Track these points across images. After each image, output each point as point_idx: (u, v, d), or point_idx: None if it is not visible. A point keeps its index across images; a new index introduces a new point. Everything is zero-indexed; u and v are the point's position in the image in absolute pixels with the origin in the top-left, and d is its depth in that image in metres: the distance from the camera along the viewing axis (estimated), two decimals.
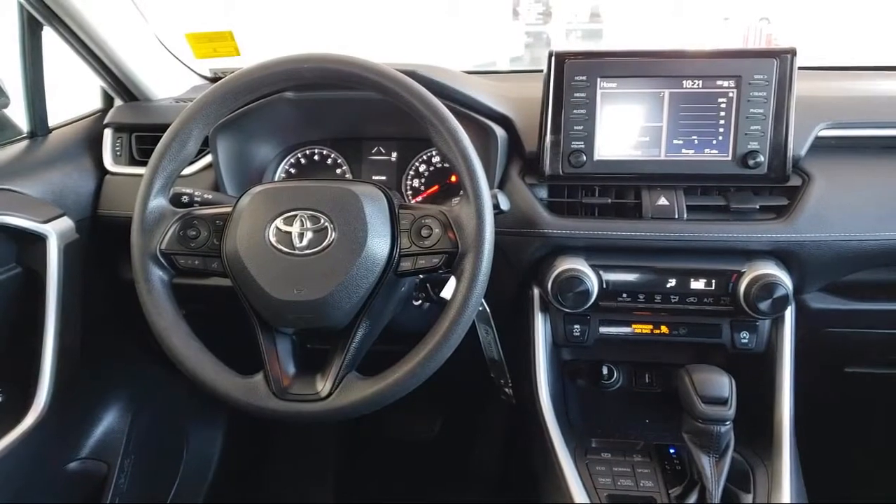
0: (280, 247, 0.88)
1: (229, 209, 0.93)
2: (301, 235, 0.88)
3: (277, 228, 0.88)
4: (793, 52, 1.03)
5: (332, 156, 1.30)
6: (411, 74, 0.92)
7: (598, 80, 1.06)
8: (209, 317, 1.20)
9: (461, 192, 0.88)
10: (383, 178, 1.28)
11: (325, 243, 0.87)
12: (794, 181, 1.08)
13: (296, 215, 0.89)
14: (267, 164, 1.29)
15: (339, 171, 1.30)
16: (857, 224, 1.05)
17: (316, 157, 1.30)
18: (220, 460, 1.75)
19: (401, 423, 1.85)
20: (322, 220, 0.88)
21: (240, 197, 0.93)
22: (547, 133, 1.08)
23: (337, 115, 1.26)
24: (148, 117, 1.33)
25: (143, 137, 1.31)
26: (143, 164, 1.02)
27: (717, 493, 0.92)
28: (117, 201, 1.28)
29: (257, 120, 1.21)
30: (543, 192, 1.12)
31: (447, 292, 0.90)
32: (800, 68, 1.04)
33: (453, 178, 1.25)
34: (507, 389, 1.31)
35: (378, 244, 0.88)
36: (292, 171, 1.31)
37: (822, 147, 1.10)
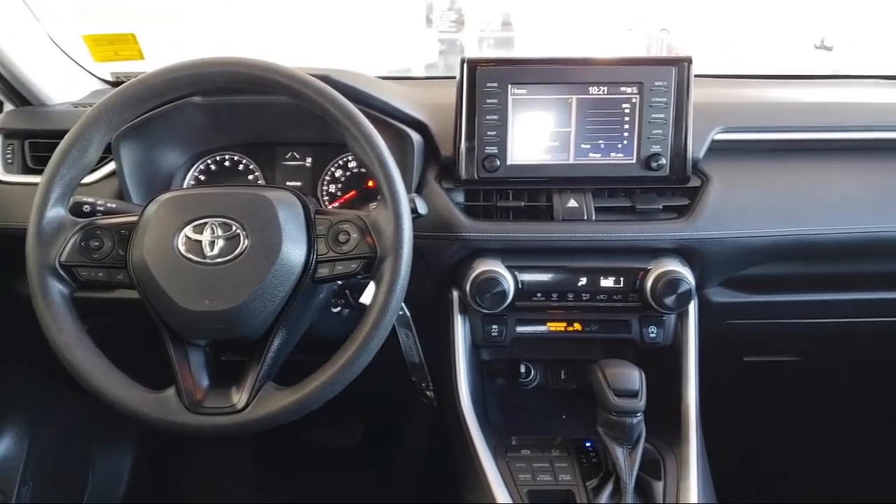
0: (190, 256, 0.85)
1: (135, 218, 0.89)
2: (212, 243, 0.85)
3: (187, 237, 0.86)
4: (689, 61, 1.09)
5: (244, 162, 1.27)
6: (324, 79, 0.91)
7: (510, 86, 1.09)
8: (115, 331, 1.15)
9: (379, 197, 0.88)
10: (298, 183, 1.26)
11: (237, 251, 0.85)
12: (694, 182, 1.14)
13: (206, 223, 0.86)
14: (175, 171, 1.25)
15: (251, 177, 1.27)
16: (751, 222, 1.12)
17: (227, 164, 1.27)
18: (129, 482, 1.66)
19: (321, 433, 1.82)
20: (234, 228, 0.86)
21: (146, 205, 0.90)
22: (462, 138, 1.10)
23: (248, 120, 1.23)
24: (43, 123, 1.25)
25: (37, 144, 1.24)
26: (39, 172, 0.97)
27: (631, 483, 0.96)
28: (9, 212, 1.20)
29: (164, 125, 1.17)
30: (460, 196, 1.14)
31: (366, 297, 0.90)
32: (697, 76, 1.10)
33: (370, 184, 1.25)
34: (428, 392, 1.31)
35: (293, 251, 0.86)
36: (202, 178, 1.26)
37: (719, 150, 1.16)
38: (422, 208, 0.96)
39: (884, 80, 1.52)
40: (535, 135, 1.11)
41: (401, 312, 1.16)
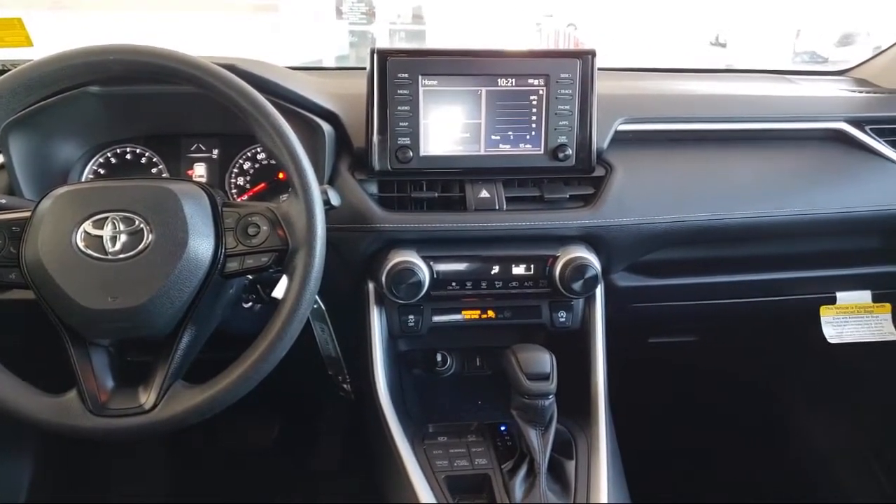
0: (90, 252, 0.81)
1: (27, 214, 0.84)
2: (114, 239, 0.82)
3: (86, 232, 0.82)
4: (593, 54, 1.13)
5: (147, 154, 1.21)
6: (230, 68, 0.89)
7: (420, 77, 1.10)
8: (8, 334, 1.09)
9: (290, 189, 0.87)
10: (204, 176, 1.22)
11: (141, 246, 0.82)
12: (599, 172, 1.18)
13: (107, 217, 0.83)
14: (71, 165, 1.18)
15: (154, 170, 1.22)
16: (652, 209, 1.17)
17: (128, 157, 1.21)
18: (30, 491, 1.57)
19: (235, 432, 1.78)
20: (137, 222, 0.83)
21: (40, 200, 0.85)
22: (374, 129, 1.10)
23: (150, 110, 1.18)
24: None
25: None
26: None
27: (545, 463, 0.99)
28: None
29: (58, 116, 1.10)
30: (374, 188, 1.14)
31: (279, 292, 0.89)
32: (601, 69, 1.14)
33: (281, 176, 1.23)
34: (345, 386, 1.31)
35: (201, 245, 0.84)
36: (101, 171, 1.20)
37: (622, 140, 1.22)
38: (335, 200, 0.95)
39: (771, 73, 1.63)
40: (446, 126, 1.12)
41: (315, 306, 1.15)
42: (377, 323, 1.16)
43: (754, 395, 1.90)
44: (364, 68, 1.11)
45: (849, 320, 1.36)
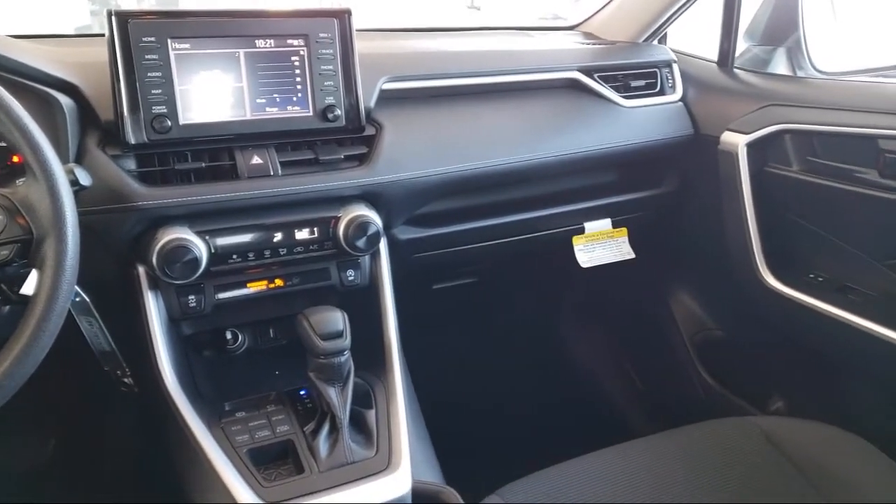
0: None
1: None
2: None
3: None
4: (349, 12, 1.13)
5: None
6: None
7: (169, 40, 1.02)
8: None
9: (27, 172, 0.78)
10: None
11: None
12: (370, 131, 1.20)
13: None
14: None
15: None
16: (421, 163, 1.23)
17: None
18: None
19: (2, 452, 1.57)
20: None
21: None
22: (123, 100, 1.01)
23: None
24: None
25: None
26: None
27: (346, 417, 1.02)
28: None
29: None
30: (131, 163, 1.05)
31: (29, 287, 0.79)
32: (363, 30, 1.16)
33: (16, 159, 1.08)
34: (125, 380, 1.21)
35: None
36: None
37: (389, 98, 1.24)
38: (84, 179, 0.87)
39: (515, 30, 1.77)
40: (206, 91, 1.06)
41: (77, 299, 1.05)
42: (154, 308, 1.08)
43: (532, 322, 2.11)
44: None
45: (596, 246, 1.56)
